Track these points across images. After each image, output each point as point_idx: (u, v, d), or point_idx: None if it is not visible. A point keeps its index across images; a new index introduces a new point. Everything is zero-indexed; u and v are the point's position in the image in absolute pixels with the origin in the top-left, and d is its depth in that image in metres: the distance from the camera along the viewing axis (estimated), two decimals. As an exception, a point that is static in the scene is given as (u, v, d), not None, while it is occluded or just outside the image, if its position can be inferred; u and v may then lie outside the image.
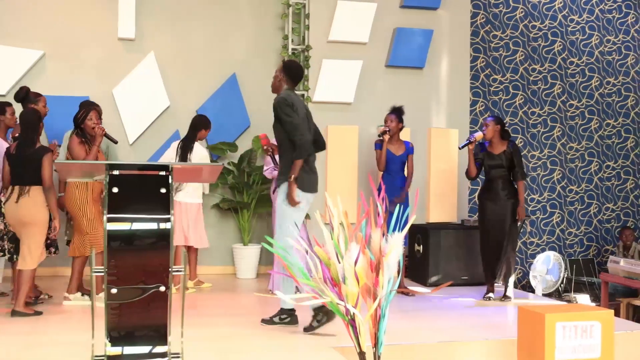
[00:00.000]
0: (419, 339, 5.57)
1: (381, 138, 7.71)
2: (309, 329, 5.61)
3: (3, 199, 6.46)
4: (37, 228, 6.25)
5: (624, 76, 10.89)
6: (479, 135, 7.43)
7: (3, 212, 6.49)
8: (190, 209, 7.72)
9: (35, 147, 6.29)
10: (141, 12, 8.86)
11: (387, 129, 7.66)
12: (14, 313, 6.14)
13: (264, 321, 5.95)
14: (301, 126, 5.77)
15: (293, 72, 6.13)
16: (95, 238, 6.54)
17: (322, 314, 5.55)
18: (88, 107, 6.81)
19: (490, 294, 7.46)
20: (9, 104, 7.09)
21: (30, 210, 6.20)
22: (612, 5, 10.85)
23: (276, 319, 5.91)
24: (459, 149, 7.79)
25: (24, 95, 7.21)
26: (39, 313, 6.24)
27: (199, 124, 7.84)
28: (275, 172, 6.67)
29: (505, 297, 7.39)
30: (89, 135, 6.72)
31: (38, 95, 7.24)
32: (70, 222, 7.10)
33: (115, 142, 7.10)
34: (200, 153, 7.76)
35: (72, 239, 6.87)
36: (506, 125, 7.88)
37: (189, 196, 7.69)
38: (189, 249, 7.76)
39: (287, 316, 5.90)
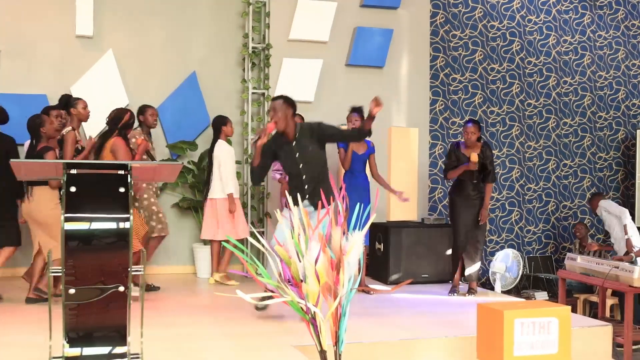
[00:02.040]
0: (380, 336, 5.59)
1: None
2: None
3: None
4: (44, 225, 6.54)
5: (580, 76, 11.05)
6: (474, 157, 7.35)
7: None
8: (219, 205, 7.96)
9: (38, 148, 6.54)
10: (99, 9, 8.76)
11: (354, 128, 7.66)
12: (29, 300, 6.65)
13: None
14: None
15: (295, 103, 6.13)
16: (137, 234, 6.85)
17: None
18: (132, 114, 7.18)
19: (456, 290, 7.57)
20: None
21: (38, 207, 6.51)
22: (568, 6, 11.00)
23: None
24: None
25: (66, 101, 7.25)
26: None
27: (216, 124, 8.13)
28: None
29: (470, 291, 7.53)
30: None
31: (77, 98, 7.28)
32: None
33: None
34: (222, 149, 7.96)
35: None
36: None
37: (215, 192, 7.94)
38: (217, 243, 8.04)
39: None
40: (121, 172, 3.74)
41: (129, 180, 3.72)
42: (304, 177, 5.99)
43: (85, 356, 3.66)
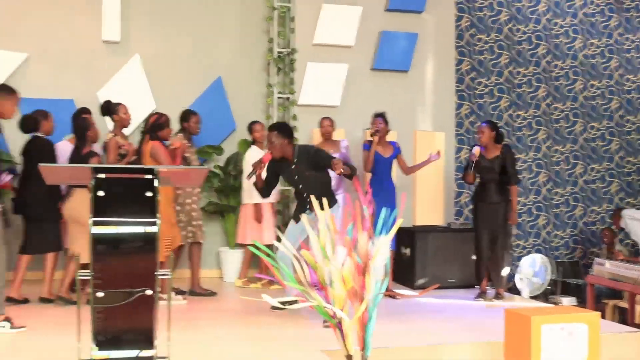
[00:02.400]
0: (406, 341, 5.57)
1: (370, 139, 7.71)
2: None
3: None
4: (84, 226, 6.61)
5: (607, 79, 10.95)
6: (477, 150, 7.44)
7: None
8: (248, 210, 8.13)
9: (83, 152, 6.67)
10: (126, 14, 8.83)
11: (377, 129, 7.66)
12: (60, 298, 6.80)
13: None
14: None
15: (289, 131, 6.53)
16: (174, 241, 6.96)
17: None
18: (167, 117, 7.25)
19: (483, 295, 7.51)
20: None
21: (78, 208, 6.60)
22: (595, 9, 10.91)
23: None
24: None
25: (107, 108, 7.33)
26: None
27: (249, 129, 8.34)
28: None
29: (497, 296, 7.47)
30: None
31: (118, 104, 7.33)
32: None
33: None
34: (252, 154, 8.04)
35: None
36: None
37: (245, 197, 8.21)
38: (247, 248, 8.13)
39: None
40: (148, 176, 3.76)
41: (155, 184, 3.74)
42: (304, 194, 6.44)
43: (113, 359, 3.68)
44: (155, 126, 7.05)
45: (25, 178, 6.88)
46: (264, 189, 6.60)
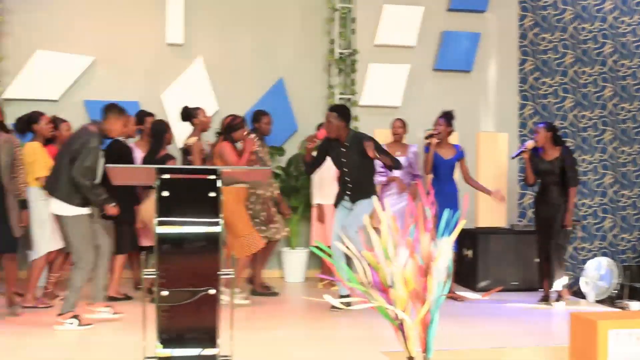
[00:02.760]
0: (469, 344, 5.53)
1: (428, 141, 7.66)
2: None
3: None
4: None
5: (677, 78, 10.65)
6: (530, 143, 7.44)
7: None
8: (316, 211, 8.33)
9: (158, 155, 6.80)
10: (189, 17, 8.97)
11: (435, 132, 7.62)
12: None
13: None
14: None
15: (348, 115, 6.97)
16: (252, 239, 7.01)
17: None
18: (242, 119, 7.30)
19: (546, 298, 7.40)
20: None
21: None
22: (664, 6, 10.63)
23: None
24: (512, 158, 7.81)
25: (187, 113, 7.45)
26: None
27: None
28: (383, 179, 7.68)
29: (559, 299, 7.34)
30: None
31: (197, 108, 7.48)
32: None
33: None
34: None
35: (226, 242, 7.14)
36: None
37: (313, 198, 8.35)
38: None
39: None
40: (211, 177, 3.80)
41: (218, 184, 3.78)
42: (348, 178, 6.85)
43: (176, 357, 3.73)
44: (229, 127, 7.14)
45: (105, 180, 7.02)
46: (310, 164, 7.03)
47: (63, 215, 5.93)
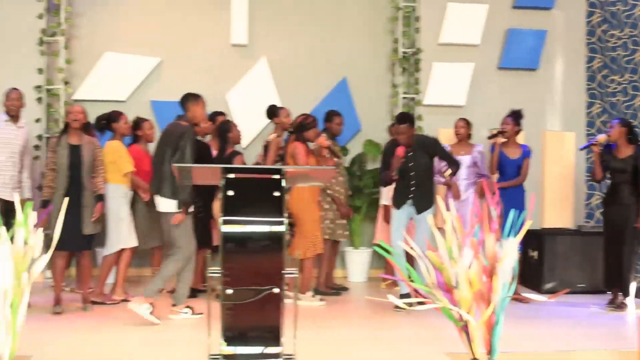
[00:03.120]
0: (534, 347, 5.45)
1: (493, 140, 7.59)
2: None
3: None
4: None
5: None
6: (602, 137, 7.28)
7: None
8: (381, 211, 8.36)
9: (226, 153, 6.92)
10: (253, 18, 9.05)
11: (503, 131, 7.54)
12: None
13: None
14: None
15: (414, 120, 7.15)
16: (319, 239, 7.13)
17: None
18: (313, 118, 7.34)
19: (613, 302, 7.22)
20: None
21: None
22: None
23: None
24: (579, 150, 7.71)
25: (272, 111, 7.78)
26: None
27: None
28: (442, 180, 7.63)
29: (619, 305, 7.15)
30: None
31: (280, 108, 7.77)
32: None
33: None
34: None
35: (291, 242, 7.25)
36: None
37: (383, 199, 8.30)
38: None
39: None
40: (276, 176, 3.83)
41: (282, 184, 3.80)
42: (412, 182, 6.91)
43: (239, 355, 3.77)
44: (300, 126, 7.19)
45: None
46: (389, 179, 6.97)
47: (169, 211, 6.19)
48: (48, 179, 6.56)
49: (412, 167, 6.88)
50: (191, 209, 6.25)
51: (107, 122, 7.26)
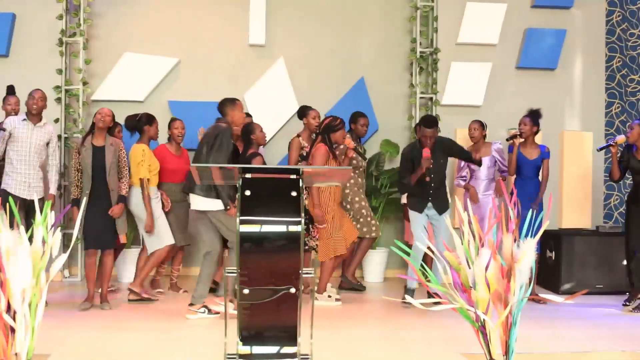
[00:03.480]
0: (551, 348, 5.43)
1: (511, 141, 7.57)
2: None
3: None
4: None
5: None
6: (620, 138, 7.26)
7: None
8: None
9: (247, 154, 6.92)
10: (271, 18, 9.06)
11: (520, 132, 7.52)
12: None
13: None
14: None
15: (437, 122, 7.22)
16: (339, 241, 7.10)
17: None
18: (340, 120, 7.25)
19: (632, 302, 7.17)
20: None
21: None
22: None
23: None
24: (597, 150, 7.70)
25: (302, 112, 7.85)
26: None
27: None
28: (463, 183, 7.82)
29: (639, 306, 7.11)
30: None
31: (310, 109, 7.79)
32: None
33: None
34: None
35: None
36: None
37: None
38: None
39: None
40: (293, 176, 3.83)
41: (300, 184, 3.81)
42: (431, 184, 6.98)
43: (255, 354, 3.78)
44: (327, 128, 7.17)
45: None
46: (410, 183, 7.01)
47: (205, 210, 6.35)
48: (75, 179, 6.73)
49: (432, 170, 6.92)
50: (220, 205, 6.32)
51: (138, 124, 7.30)
